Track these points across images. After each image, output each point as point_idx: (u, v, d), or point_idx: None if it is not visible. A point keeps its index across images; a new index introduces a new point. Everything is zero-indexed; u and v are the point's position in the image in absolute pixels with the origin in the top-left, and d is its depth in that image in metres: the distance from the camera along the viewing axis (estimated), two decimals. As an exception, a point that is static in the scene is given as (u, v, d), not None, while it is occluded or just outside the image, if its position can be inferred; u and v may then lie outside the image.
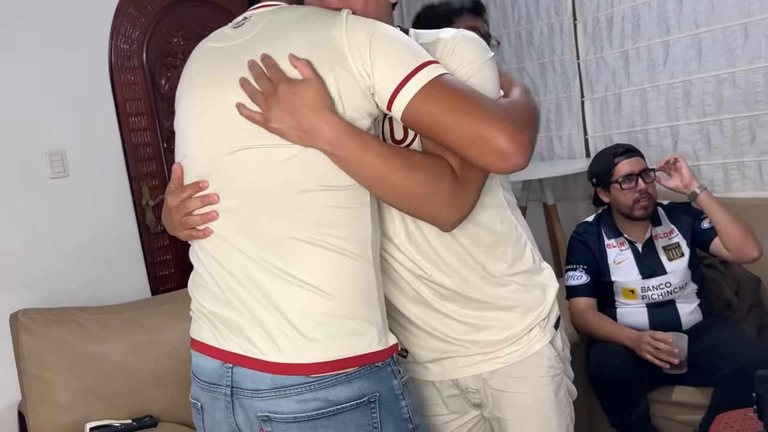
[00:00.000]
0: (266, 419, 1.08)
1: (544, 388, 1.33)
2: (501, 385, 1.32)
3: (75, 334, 2.24)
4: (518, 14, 3.36)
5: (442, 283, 1.26)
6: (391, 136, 1.24)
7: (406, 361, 1.38)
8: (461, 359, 1.32)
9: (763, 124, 2.63)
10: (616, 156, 2.42)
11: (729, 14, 2.63)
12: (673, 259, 2.39)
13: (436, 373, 1.35)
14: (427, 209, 1.14)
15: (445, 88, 1.07)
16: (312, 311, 1.07)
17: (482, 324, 1.29)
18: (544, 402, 1.33)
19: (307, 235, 1.07)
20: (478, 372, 1.32)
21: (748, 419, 1.79)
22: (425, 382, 1.37)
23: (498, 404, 1.33)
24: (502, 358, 1.31)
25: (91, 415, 2.18)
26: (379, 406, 1.10)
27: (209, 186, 1.14)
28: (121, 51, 2.84)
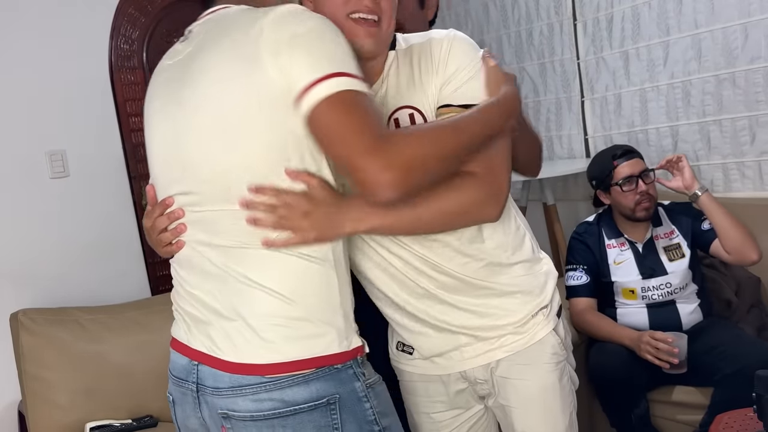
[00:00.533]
0: (226, 416, 1.11)
1: (548, 374, 1.35)
2: (506, 372, 1.34)
3: (75, 334, 2.24)
4: (518, 14, 3.36)
5: (447, 273, 1.29)
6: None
7: (412, 357, 1.40)
8: (468, 350, 1.34)
9: (762, 124, 2.63)
10: (615, 158, 2.41)
11: (729, 14, 2.63)
12: (674, 259, 2.39)
13: (443, 366, 1.37)
14: (471, 221, 1.25)
15: (352, 106, 1.04)
16: (269, 314, 1.09)
17: (484, 311, 1.32)
18: (548, 388, 1.36)
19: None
20: (485, 362, 1.34)
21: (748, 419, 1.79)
22: (432, 377, 1.39)
23: (503, 392, 1.35)
24: (508, 347, 1.33)
25: (91, 415, 2.18)
26: (340, 407, 1.10)
27: (178, 200, 1.17)
28: (121, 51, 2.84)
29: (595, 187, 2.49)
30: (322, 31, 1.09)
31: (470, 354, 1.34)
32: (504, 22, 3.42)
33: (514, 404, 1.35)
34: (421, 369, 1.40)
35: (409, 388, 1.45)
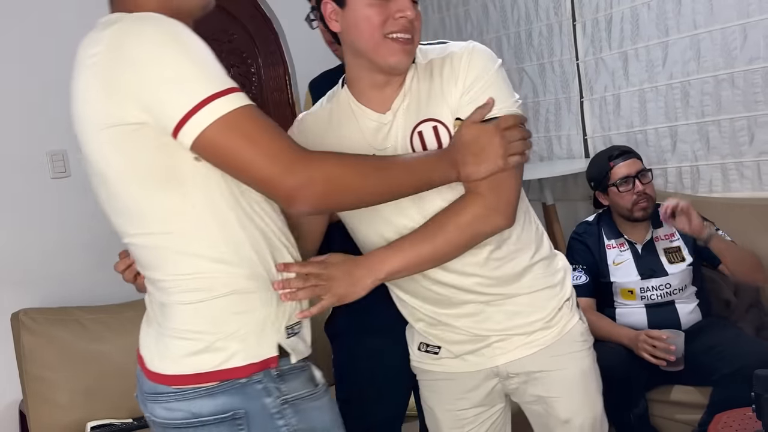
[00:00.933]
0: (151, 420, 1.16)
1: (584, 360, 1.45)
2: (544, 365, 1.39)
3: (76, 333, 2.25)
4: (517, 15, 3.37)
5: (478, 277, 1.34)
6: (423, 149, 1.30)
7: (438, 357, 1.43)
8: (500, 346, 1.39)
9: (761, 124, 2.64)
10: (611, 159, 2.42)
11: (728, 15, 2.63)
12: (674, 262, 2.39)
13: (474, 363, 1.41)
14: (485, 235, 1.28)
15: (244, 123, 1.02)
16: (177, 326, 1.12)
17: (514, 310, 1.37)
18: (586, 372, 1.45)
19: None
20: (517, 357, 1.39)
21: (747, 419, 1.80)
22: (460, 375, 1.43)
23: (545, 384, 1.40)
24: (540, 341, 1.39)
25: (91, 414, 2.19)
26: (248, 423, 1.09)
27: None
28: (121, 51, 2.84)
29: (594, 188, 2.50)
30: (173, 39, 1.03)
31: (502, 350, 1.39)
32: (503, 23, 3.42)
33: (556, 394, 1.41)
34: (450, 367, 1.43)
35: (433, 387, 1.48)
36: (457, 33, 3.58)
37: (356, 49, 1.28)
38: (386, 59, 1.25)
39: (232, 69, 3.25)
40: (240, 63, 3.28)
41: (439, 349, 1.43)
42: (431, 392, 1.49)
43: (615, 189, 2.39)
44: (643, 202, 2.37)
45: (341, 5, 1.26)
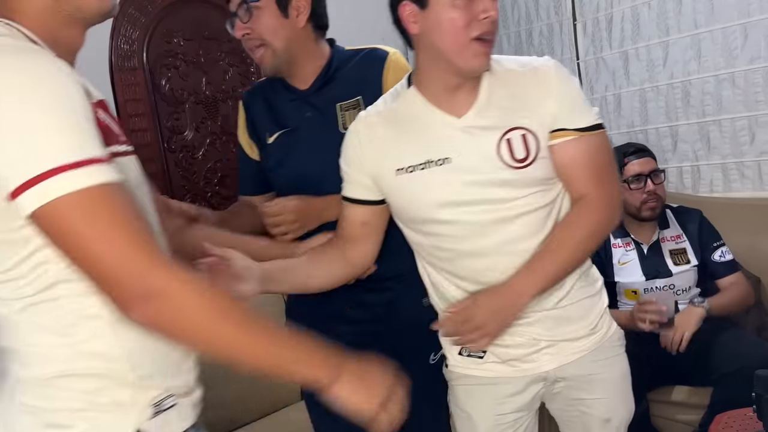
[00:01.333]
0: None
1: (623, 362, 1.52)
2: (590, 369, 1.45)
3: (75, 333, 2.24)
4: (518, 14, 3.36)
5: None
6: (511, 156, 1.32)
7: (483, 361, 1.45)
8: (548, 352, 1.42)
9: (762, 124, 2.64)
10: (626, 155, 2.41)
11: (728, 14, 2.63)
12: (679, 263, 2.39)
13: (524, 369, 1.43)
14: (603, 239, 1.41)
15: (99, 207, 0.85)
16: (26, 400, 0.99)
17: (563, 315, 1.41)
18: (624, 374, 1.53)
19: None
20: (565, 362, 1.43)
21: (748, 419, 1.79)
22: (506, 379, 1.44)
23: (590, 387, 1.46)
24: (585, 346, 1.44)
25: (91, 414, 2.18)
26: None
27: None
28: (121, 51, 2.84)
29: None
30: (33, 84, 0.84)
31: (550, 356, 1.42)
32: (504, 22, 3.42)
33: (601, 395, 1.47)
34: (495, 372, 1.44)
35: (472, 392, 1.48)
36: (457, 32, 3.58)
37: (437, 51, 1.29)
38: (469, 62, 1.27)
39: (231, 69, 3.25)
40: (240, 63, 3.27)
41: (484, 353, 1.43)
42: (470, 397, 1.49)
43: (626, 186, 2.38)
44: (652, 202, 2.36)
45: (422, 6, 1.26)
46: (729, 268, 2.38)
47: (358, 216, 1.45)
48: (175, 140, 2.97)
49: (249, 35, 1.58)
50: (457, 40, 1.25)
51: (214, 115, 3.18)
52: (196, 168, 2.92)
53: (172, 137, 2.97)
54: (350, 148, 1.42)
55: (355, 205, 1.45)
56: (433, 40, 1.28)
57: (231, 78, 3.25)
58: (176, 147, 2.96)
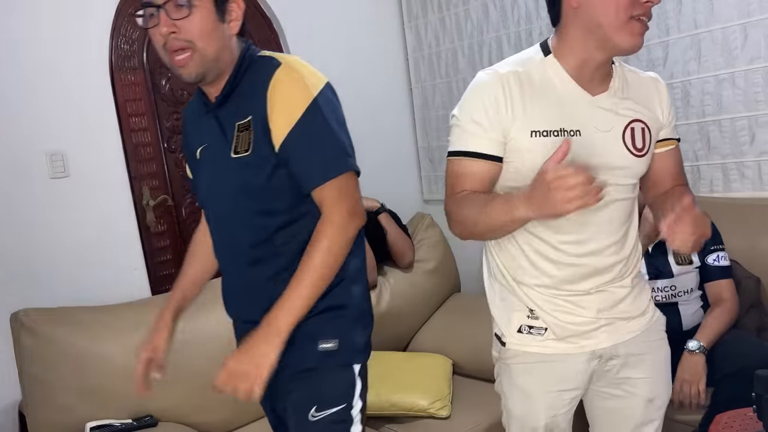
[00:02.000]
0: None
1: (666, 346, 1.62)
2: (641, 349, 1.55)
3: (75, 333, 2.24)
4: (518, 14, 3.36)
5: (605, 256, 1.49)
6: (633, 144, 1.47)
7: (544, 338, 1.51)
8: (606, 330, 1.51)
9: (762, 124, 2.64)
10: None
11: (728, 14, 2.63)
12: (681, 263, 2.38)
13: (581, 345, 1.51)
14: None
15: None
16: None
17: (622, 294, 1.51)
18: (668, 356, 1.62)
19: None
20: (621, 340, 1.52)
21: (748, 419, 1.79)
22: (564, 357, 1.51)
23: (638, 366, 1.55)
24: (637, 327, 1.55)
25: (91, 414, 2.18)
26: None
27: None
28: (121, 51, 2.84)
29: None
30: None
31: (608, 334, 1.51)
32: (504, 23, 3.42)
33: (646, 375, 1.56)
34: (554, 349, 1.51)
35: (531, 370, 1.54)
36: (457, 33, 3.58)
37: (595, 25, 1.34)
38: (626, 39, 1.34)
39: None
40: (240, 63, 3.28)
41: (545, 330, 1.50)
42: (528, 375, 1.54)
43: None
44: None
45: None
46: (720, 273, 2.36)
47: (487, 172, 1.42)
48: (175, 140, 2.97)
49: (175, 34, 1.38)
50: (618, 16, 1.31)
51: (214, 115, 3.18)
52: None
53: (172, 137, 2.97)
54: (486, 101, 1.39)
55: (483, 161, 1.42)
56: (594, 14, 1.33)
57: (231, 78, 3.24)
58: (176, 147, 2.96)
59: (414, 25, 3.79)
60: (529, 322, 1.51)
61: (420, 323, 3.07)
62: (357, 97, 3.60)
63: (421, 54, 3.79)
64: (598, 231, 1.46)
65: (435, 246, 3.22)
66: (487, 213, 1.35)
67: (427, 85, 3.78)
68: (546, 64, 1.42)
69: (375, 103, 3.68)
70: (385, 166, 3.70)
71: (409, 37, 3.83)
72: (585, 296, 1.48)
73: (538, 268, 1.49)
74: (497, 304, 1.58)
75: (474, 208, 1.38)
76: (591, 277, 1.48)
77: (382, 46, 3.75)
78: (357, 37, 3.61)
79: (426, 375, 2.59)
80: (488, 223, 1.36)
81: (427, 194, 3.91)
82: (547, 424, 1.54)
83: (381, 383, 2.53)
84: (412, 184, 3.89)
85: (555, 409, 1.54)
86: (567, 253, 1.46)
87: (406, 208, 3.49)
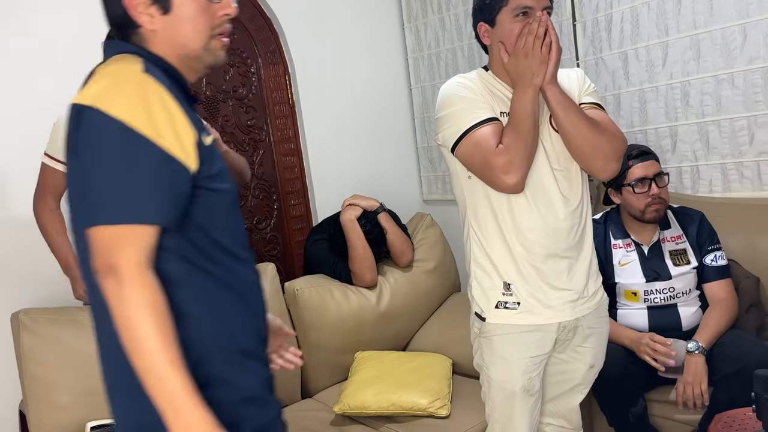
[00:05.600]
0: None
1: (607, 323, 1.95)
2: (592, 323, 1.86)
3: (76, 333, 2.25)
4: (517, 15, 3.37)
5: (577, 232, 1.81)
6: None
7: (518, 312, 1.78)
8: (570, 306, 1.80)
9: (761, 124, 2.64)
10: (630, 158, 2.40)
11: (728, 15, 2.64)
12: (679, 264, 2.38)
13: (549, 317, 1.79)
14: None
15: None
16: None
17: (587, 271, 1.83)
18: (608, 332, 1.96)
19: None
20: (581, 314, 1.82)
21: (747, 419, 1.80)
22: (536, 327, 1.79)
23: (589, 339, 1.86)
24: (593, 304, 1.85)
25: (91, 414, 2.18)
26: None
27: None
28: (121, 51, 2.84)
29: (607, 185, 2.48)
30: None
31: (571, 308, 1.80)
32: (503, 23, 3.43)
33: (592, 345, 1.87)
34: (528, 320, 1.79)
35: (508, 339, 1.81)
36: (457, 33, 3.58)
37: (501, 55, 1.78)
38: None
39: (232, 69, 3.25)
40: (240, 63, 3.27)
41: (518, 305, 1.78)
42: (506, 345, 1.81)
43: (630, 189, 2.38)
44: (657, 205, 2.36)
45: (491, 25, 1.78)
46: (718, 273, 2.37)
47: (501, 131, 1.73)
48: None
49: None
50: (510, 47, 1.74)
51: (215, 115, 3.19)
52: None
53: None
54: (470, 86, 1.79)
55: (498, 123, 1.74)
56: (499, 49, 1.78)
57: (231, 78, 3.25)
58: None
59: (414, 26, 3.80)
60: (505, 299, 1.79)
61: (420, 323, 3.07)
62: (357, 97, 3.61)
63: (421, 54, 3.79)
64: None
65: (434, 246, 3.22)
66: (518, 117, 1.70)
67: (427, 85, 3.78)
68: (487, 75, 1.85)
69: (375, 103, 3.68)
70: (384, 166, 3.70)
71: (409, 37, 3.84)
72: (557, 274, 1.78)
73: (512, 249, 1.78)
74: (476, 285, 1.86)
75: (510, 129, 1.70)
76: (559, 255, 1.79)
77: (382, 47, 3.75)
78: (357, 37, 3.61)
79: (426, 374, 2.59)
80: (525, 116, 1.69)
81: (426, 194, 3.92)
82: (524, 385, 1.81)
83: (381, 383, 2.54)
84: (411, 184, 3.89)
85: (530, 372, 1.80)
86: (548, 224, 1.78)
87: (406, 208, 3.49)
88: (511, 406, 1.83)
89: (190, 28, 1.24)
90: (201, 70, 1.31)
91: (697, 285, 2.40)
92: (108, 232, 1.10)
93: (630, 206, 2.40)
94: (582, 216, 1.82)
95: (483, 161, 1.70)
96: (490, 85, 1.82)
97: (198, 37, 1.25)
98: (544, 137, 1.77)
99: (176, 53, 1.25)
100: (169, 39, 1.24)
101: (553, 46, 1.67)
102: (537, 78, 1.68)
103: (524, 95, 1.69)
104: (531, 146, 1.70)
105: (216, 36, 1.28)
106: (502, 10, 1.73)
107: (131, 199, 1.10)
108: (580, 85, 1.85)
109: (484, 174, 1.72)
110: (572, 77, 1.85)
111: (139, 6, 1.22)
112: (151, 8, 1.22)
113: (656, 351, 2.21)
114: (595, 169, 1.76)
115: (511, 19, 1.71)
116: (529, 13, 1.70)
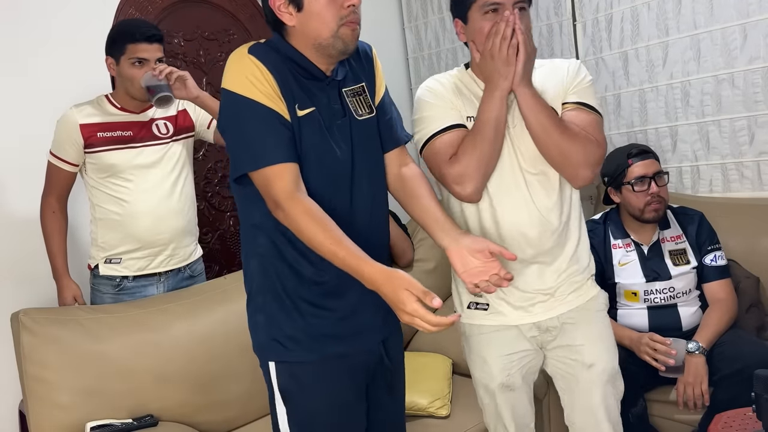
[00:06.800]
0: None
1: (604, 318, 1.85)
2: (572, 320, 1.78)
3: (76, 333, 2.24)
4: (518, 15, 3.37)
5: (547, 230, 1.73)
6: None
7: (488, 313, 1.79)
8: (543, 305, 1.76)
9: (761, 124, 2.64)
10: (630, 157, 2.40)
11: (728, 15, 2.64)
12: (679, 264, 2.38)
13: (520, 317, 1.77)
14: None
15: None
16: None
17: (557, 273, 1.76)
18: (607, 327, 1.85)
19: None
20: (556, 314, 1.77)
21: (747, 419, 1.80)
22: (508, 327, 1.78)
23: (571, 334, 1.78)
24: (572, 302, 1.78)
25: (91, 414, 2.18)
26: None
27: None
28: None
29: (607, 184, 2.48)
30: None
31: (543, 309, 1.76)
32: (503, 23, 3.43)
33: (581, 342, 1.78)
34: (498, 321, 1.78)
35: (484, 340, 1.81)
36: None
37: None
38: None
39: (232, 69, 3.24)
40: (240, 63, 3.27)
41: (488, 306, 1.78)
42: (482, 344, 1.82)
43: (629, 188, 2.38)
44: (656, 204, 2.35)
45: (465, 22, 1.71)
46: (718, 273, 2.37)
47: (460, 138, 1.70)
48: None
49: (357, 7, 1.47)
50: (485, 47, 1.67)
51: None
52: (197, 168, 2.92)
53: (173, 137, 2.96)
54: (438, 90, 1.75)
55: (460, 131, 1.70)
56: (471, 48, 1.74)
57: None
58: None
59: (414, 26, 3.80)
60: (476, 300, 1.79)
61: (420, 323, 3.07)
62: (357, 97, 3.60)
63: (421, 54, 3.79)
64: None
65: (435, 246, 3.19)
66: (480, 123, 1.65)
67: (427, 85, 3.78)
68: (468, 74, 1.79)
69: (375, 103, 3.68)
70: (384, 166, 3.70)
71: (409, 37, 3.84)
72: (523, 276, 1.74)
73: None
74: (453, 287, 1.87)
75: (469, 136, 1.67)
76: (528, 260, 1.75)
77: (382, 46, 3.74)
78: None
79: (426, 375, 2.59)
80: (486, 122, 1.64)
81: (426, 194, 3.92)
82: (502, 382, 1.80)
83: (381, 383, 2.54)
84: (411, 184, 3.88)
85: (507, 369, 1.79)
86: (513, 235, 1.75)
87: (406, 208, 3.49)
88: (494, 402, 1.85)
89: (320, 21, 1.43)
90: (336, 56, 1.47)
91: (697, 285, 2.40)
92: (259, 175, 1.42)
93: (629, 205, 2.39)
94: (560, 220, 1.73)
95: (438, 172, 1.70)
96: (465, 85, 1.76)
97: (327, 27, 1.43)
98: (521, 139, 1.69)
99: (311, 44, 1.45)
100: (304, 32, 1.44)
101: (520, 47, 1.60)
102: (504, 81, 1.62)
103: (491, 98, 1.64)
104: (489, 155, 1.64)
105: (346, 23, 1.44)
106: (473, 6, 1.67)
107: (258, 149, 1.41)
108: (570, 80, 1.75)
109: (441, 183, 1.73)
110: (560, 74, 1.76)
111: (281, 6, 1.44)
112: (289, 7, 1.44)
113: (656, 351, 2.21)
114: (566, 176, 1.70)
115: (481, 16, 1.65)
116: (499, 9, 1.63)
